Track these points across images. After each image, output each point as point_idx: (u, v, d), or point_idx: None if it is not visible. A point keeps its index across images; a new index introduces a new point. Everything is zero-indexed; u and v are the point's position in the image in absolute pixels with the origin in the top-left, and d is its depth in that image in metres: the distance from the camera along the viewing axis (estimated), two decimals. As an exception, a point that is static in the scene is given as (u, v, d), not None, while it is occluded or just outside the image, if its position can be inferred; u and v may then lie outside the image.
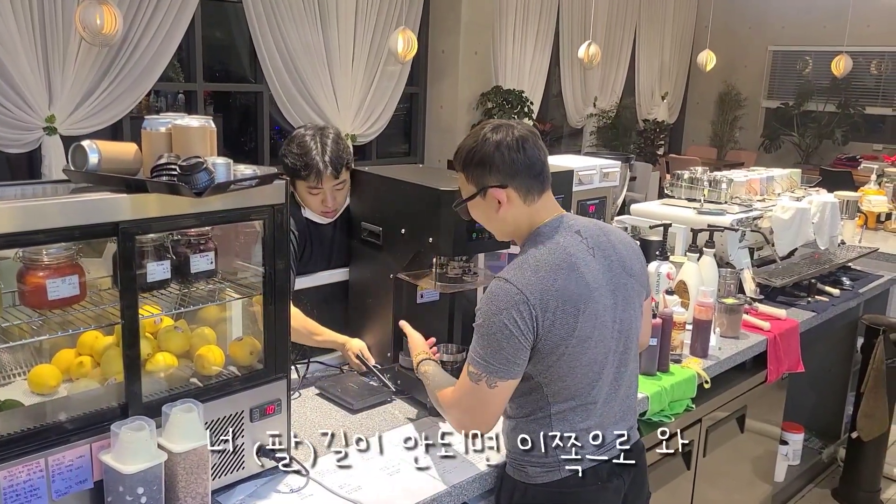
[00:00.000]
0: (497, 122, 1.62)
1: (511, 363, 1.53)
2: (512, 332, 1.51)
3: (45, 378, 1.47)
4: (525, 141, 1.59)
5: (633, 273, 1.68)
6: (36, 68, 4.82)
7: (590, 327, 1.57)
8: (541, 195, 1.62)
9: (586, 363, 1.58)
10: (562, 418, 1.62)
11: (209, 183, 1.36)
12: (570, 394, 1.60)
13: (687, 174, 3.19)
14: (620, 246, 1.68)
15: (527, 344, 1.53)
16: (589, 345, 1.58)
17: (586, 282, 1.57)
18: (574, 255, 1.58)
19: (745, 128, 10.54)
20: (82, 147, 1.39)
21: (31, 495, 1.27)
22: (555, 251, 1.57)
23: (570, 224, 1.63)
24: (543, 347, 1.55)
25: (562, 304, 1.53)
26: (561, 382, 1.59)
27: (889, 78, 9.56)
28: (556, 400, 1.61)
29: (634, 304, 1.69)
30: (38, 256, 1.34)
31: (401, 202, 1.97)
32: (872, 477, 3.43)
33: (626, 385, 1.71)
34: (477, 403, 1.59)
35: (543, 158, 1.62)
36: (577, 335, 1.55)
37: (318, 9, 6.33)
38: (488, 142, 1.58)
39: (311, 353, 2.23)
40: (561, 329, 1.54)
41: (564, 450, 1.61)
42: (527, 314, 1.51)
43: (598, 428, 1.64)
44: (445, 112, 7.47)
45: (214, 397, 1.49)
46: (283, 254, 1.56)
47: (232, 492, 1.54)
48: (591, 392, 1.61)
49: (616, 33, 9.31)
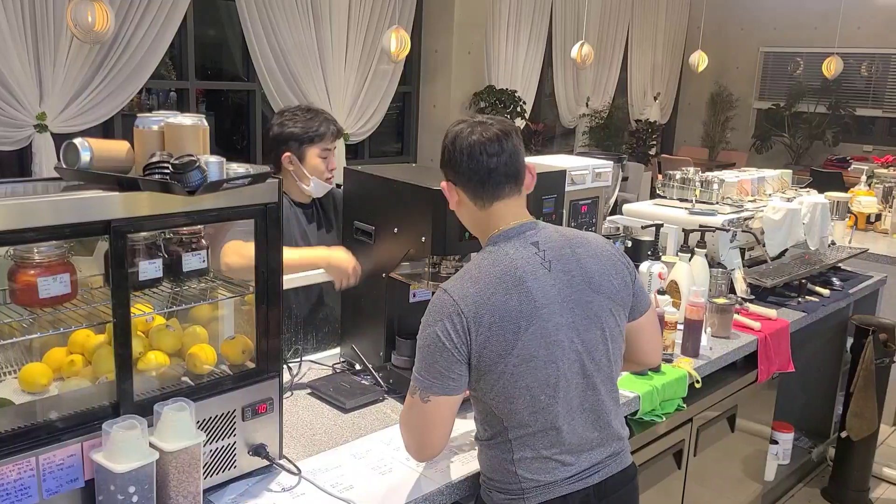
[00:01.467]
0: (479, 119, 1.57)
1: (444, 377, 1.46)
2: (444, 344, 1.45)
3: (36, 377, 1.46)
4: (476, 146, 1.51)
5: (601, 290, 1.55)
6: (27, 65, 4.79)
7: (534, 346, 1.46)
8: (492, 202, 1.54)
9: (534, 385, 1.47)
10: (522, 444, 1.51)
11: (202, 181, 1.36)
12: (522, 418, 1.49)
13: (679, 174, 3.20)
14: (590, 261, 1.56)
15: (460, 358, 1.45)
16: (534, 365, 1.46)
17: (532, 298, 1.47)
18: (521, 268, 1.49)
19: (737, 128, 10.58)
20: (74, 145, 1.39)
21: (21, 494, 1.27)
22: (500, 262, 1.50)
23: (529, 234, 1.54)
24: (480, 364, 1.46)
25: (498, 319, 1.45)
26: (509, 404, 1.48)
27: (879, 79, 9.62)
28: (511, 423, 1.50)
29: (604, 322, 1.55)
30: (29, 254, 1.34)
31: (393, 201, 1.97)
32: (861, 476, 3.45)
33: (599, 409, 1.56)
34: (414, 420, 1.54)
35: (494, 165, 1.51)
36: (516, 354, 1.45)
37: (311, 7, 6.32)
38: (451, 133, 1.56)
39: (303, 353, 2.23)
40: (497, 346, 1.45)
41: (527, 478, 1.51)
42: (459, 327, 1.44)
43: (567, 454, 1.52)
44: (438, 111, 7.47)
45: (206, 396, 1.49)
46: (275, 252, 1.56)
47: (223, 490, 1.54)
48: (547, 417, 1.49)
49: (609, 34, 9.33)
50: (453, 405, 1.51)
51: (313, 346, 2.32)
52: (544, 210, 2.07)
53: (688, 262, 2.65)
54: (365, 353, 2.10)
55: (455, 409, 1.52)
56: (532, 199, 2.03)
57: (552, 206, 2.10)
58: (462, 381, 1.49)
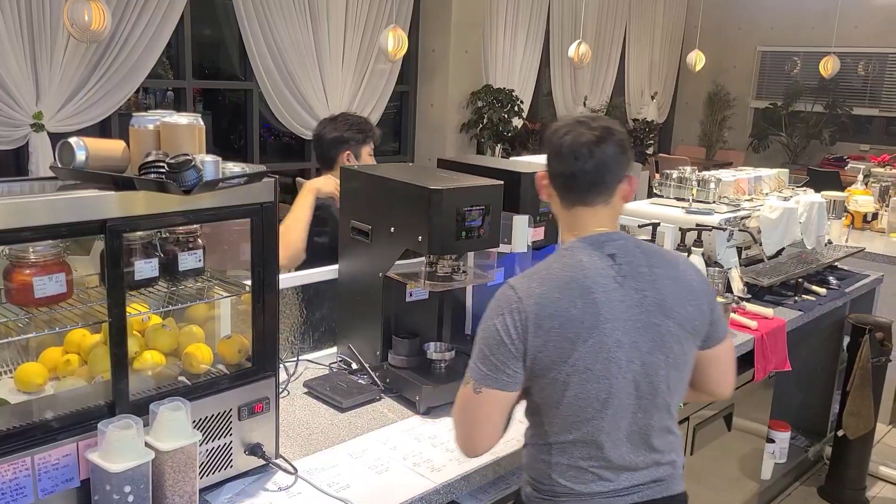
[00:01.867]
0: (583, 119, 1.52)
1: (499, 371, 1.44)
2: (503, 338, 1.44)
3: (32, 376, 1.46)
4: (566, 147, 1.49)
5: (672, 315, 1.49)
6: (23, 64, 4.78)
7: (590, 359, 1.43)
8: (575, 205, 1.52)
9: (582, 397, 1.44)
10: (561, 450, 1.50)
11: (197, 181, 1.36)
12: (564, 425, 1.48)
13: (676, 174, 3.21)
14: (667, 283, 1.50)
15: (517, 354, 1.44)
16: (587, 377, 1.43)
17: (597, 310, 1.43)
18: (592, 278, 1.45)
19: (734, 128, 10.59)
20: (70, 144, 1.39)
21: (16, 494, 1.27)
22: (570, 268, 1.47)
23: (608, 245, 1.50)
24: (534, 367, 1.45)
25: (558, 325, 1.42)
26: (554, 409, 1.47)
27: (876, 79, 9.63)
28: (552, 429, 1.50)
29: (669, 348, 1.49)
30: (25, 254, 1.33)
31: (390, 200, 1.97)
32: (858, 475, 3.46)
33: (648, 433, 1.50)
34: (465, 412, 1.51)
35: (579, 170, 1.48)
36: (571, 363, 1.43)
37: (309, 6, 6.32)
38: (552, 127, 1.54)
39: (300, 352, 2.23)
40: (553, 352, 1.43)
41: (561, 484, 1.51)
42: (520, 324, 1.43)
43: (607, 470, 1.49)
44: (436, 111, 7.47)
45: (202, 396, 1.49)
46: (271, 252, 1.56)
47: (220, 490, 1.54)
48: (589, 429, 1.47)
49: (606, 33, 9.34)
50: (505, 402, 1.48)
51: (310, 345, 2.32)
52: (540, 209, 2.07)
53: (684, 261, 2.65)
54: (361, 353, 2.10)
55: (506, 408, 1.49)
56: (528, 199, 2.04)
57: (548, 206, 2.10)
58: (517, 379, 1.46)
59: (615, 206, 1.55)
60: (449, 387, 1.94)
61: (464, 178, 1.94)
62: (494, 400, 1.47)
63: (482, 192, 1.88)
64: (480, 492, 1.76)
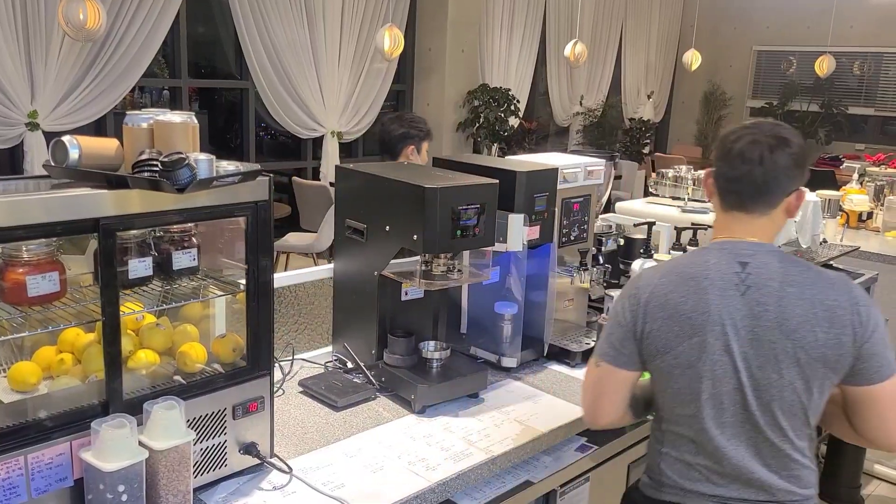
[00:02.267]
0: (761, 125, 1.51)
1: (616, 349, 1.54)
2: (620, 319, 1.54)
3: (26, 375, 1.45)
4: (735, 151, 1.49)
5: (793, 336, 1.44)
6: (18, 63, 4.77)
7: (692, 356, 1.47)
8: (731, 209, 1.53)
9: (680, 392, 1.50)
10: (671, 441, 1.56)
11: (191, 179, 1.35)
12: (672, 415, 1.55)
13: (671, 173, 3.21)
14: (795, 303, 1.44)
15: (632, 336, 1.52)
16: (688, 374, 1.48)
17: (707, 311, 1.45)
18: (711, 280, 1.47)
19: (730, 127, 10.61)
20: (63, 142, 1.38)
21: (10, 493, 1.26)
22: (695, 265, 1.50)
23: (744, 254, 1.49)
24: (644, 350, 1.52)
25: (667, 316, 1.48)
26: (663, 397, 1.55)
27: (872, 78, 9.66)
28: (663, 416, 1.58)
29: (787, 370, 1.45)
30: (18, 253, 1.33)
31: (385, 199, 1.97)
32: (853, 473, 3.47)
33: (761, 450, 1.50)
34: (587, 383, 1.65)
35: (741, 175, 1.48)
36: (673, 355, 1.48)
37: (305, 5, 6.31)
38: (726, 129, 1.57)
39: (295, 351, 2.23)
40: (658, 341, 1.49)
41: (667, 475, 1.56)
42: (634, 308, 1.52)
43: (718, 475, 1.52)
44: (432, 110, 7.47)
45: (197, 394, 1.49)
46: (266, 250, 1.56)
47: (214, 489, 1.54)
48: (694, 427, 1.51)
49: (602, 32, 9.34)
50: (621, 379, 1.56)
51: (305, 344, 2.32)
52: (536, 208, 2.08)
53: (680, 259, 2.65)
54: (357, 352, 2.10)
55: (623, 386, 1.57)
56: (523, 198, 2.04)
57: (544, 204, 2.10)
58: (632, 359, 1.54)
59: (775, 219, 1.53)
60: (444, 386, 1.94)
61: (459, 177, 1.94)
62: (611, 375, 1.57)
63: (477, 190, 1.88)
64: (475, 490, 1.76)
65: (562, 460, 1.93)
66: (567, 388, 2.10)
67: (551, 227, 2.17)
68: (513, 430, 1.83)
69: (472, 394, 2.00)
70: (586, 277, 2.35)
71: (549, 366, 2.25)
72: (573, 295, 2.38)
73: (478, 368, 2.04)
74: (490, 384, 2.07)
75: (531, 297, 2.23)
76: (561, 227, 2.25)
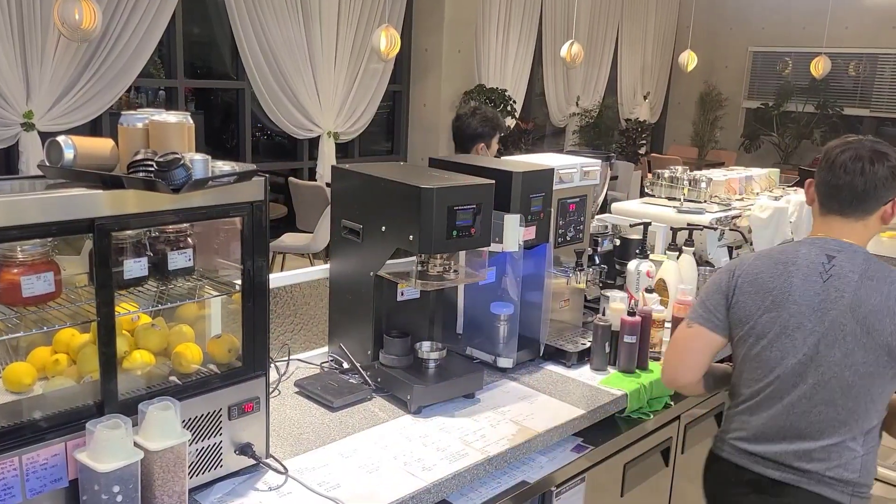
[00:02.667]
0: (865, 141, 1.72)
1: (710, 313, 1.81)
2: (719, 286, 1.80)
3: (20, 376, 1.45)
4: (838, 162, 1.69)
5: (864, 322, 1.63)
6: (13, 63, 4.76)
7: (768, 329, 1.72)
8: (829, 213, 1.73)
9: (756, 359, 1.75)
10: (739, 409, 1.82)
11: (186, 179, 1.35)
12: (743, 383, 1.81)
13: (667, 173, 3.21)
14: (871, 294, 1.64)
15: (724, 303, 1.78)
16: (764, 345, 1.73)
17: (789, 291, 1.70)
18: (798, 265, 1.71)
19: (726, 128, 10.63)
20: (57, 143, 1.38)
21: (4, 494, 1.26)
22: (787, 252, 1.75)
23: (832, 248, 1.71)
24: (731, 318, 1.79)
25: (753, 291, 1.74)
26: (739, 366, 1.81)
27: (867, 79, 9.69)
28: (737, 384, 1.83)
29: (853, 352, 1.64)
30: (13, 253, 1.32)
31: (381, 199, 1.97)
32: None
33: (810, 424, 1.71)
34: (676, 342, 1.91)
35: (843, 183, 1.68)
36: (752, 325, 1.74)
37: (301, 5, 6.31)
38: (834, 142, 1.76)
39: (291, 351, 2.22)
40: (742, 311, 1.76)
41: (729, 442, 1.83)
42: (729, 280, 1.79)
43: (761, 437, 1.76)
44: (428, 110, 7.47)
45: (192, 395, 1.48)
46: (262, 251, 1.56)
47: (210, 490, 1.54)
48: (757, 394, 1.77)
49: (598, 33, 9.35)
50: (708, 341, 1.82)
51: (301, 344, 2.32)
52: (532, 208, 2.08)
53: (676, 260, 2.66)
54: (353, 352, 2.09)
55: (708, 347, 1.82)
56: (519, 198, 2.05)
57: (540, 205, 2.10)
58: (722, 325, 1.80)
59: (869, 225, 1.74)
60: (440, 386, 1.94)
61: (455, 178, 1.94)
62: (700, 336, 1.82)
63: (473, 191, 1.88)
64: (471, 490, 1.76)
65: (557, 460, 1.93)
66: (563, 388, 2.10)
67: (547, 227, 2.17)
68: (509, 431, 1.84)
69: (468, 394, 2.00)
70: (582, 278, 2.35)
71: (545, 366, 2.25)
72: (569, 295, 2.38)
73: (474, 369, 2.04)
74: (486, 384, 2.07)
75: (527, 298, 2.23)
76: (557, 227, 2.25)
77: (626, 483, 2.17)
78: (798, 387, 1.70)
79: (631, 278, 2.56)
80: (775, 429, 1.74)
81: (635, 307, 2.22)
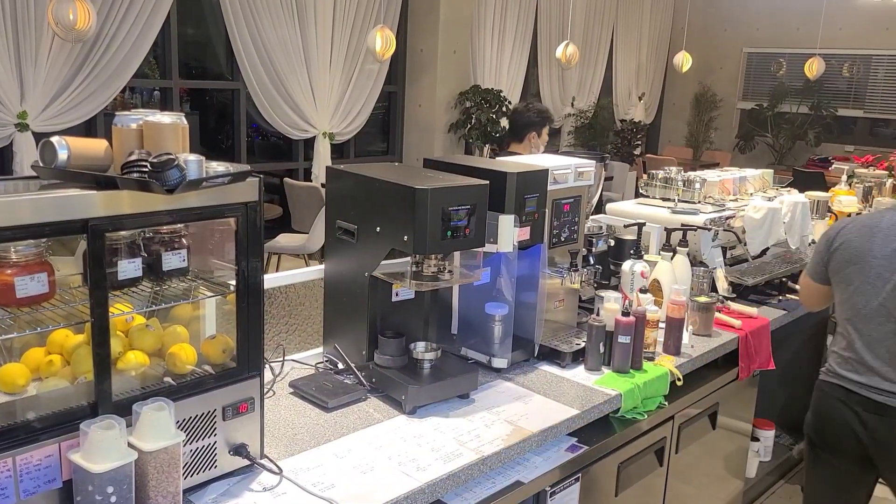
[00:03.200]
0: None
1: (815, 266, 2.44)
2: (819, 248, 2.40)
3: (14, 377, 1.44)
4: None
5: None
6: (7, 63, 4.75)
7: (852, 277, 2.29)
8: None
9: (847, 301, 2.31)
10: (837, 339, 2.38)
11: (180, 180, 1.35)
12: (839, 319, 2.36)
13: (661, 174, 3.22)
14: None
15: (823, 260, 2.38)
16: (852, 290, 2.30)
17: (871, 248, 2.24)
18: (881, 228, 2.25)
19: (721, 128, 10.66)
20: (51, 143, 1.38)
21: (-2, 495, 1.26)
22: (875, 219, 2.29)
23: None
24: (830, 271, 2.37)
25: (843, 248, 2.31)
26: (837, 308, 2.37)
27: (860, 80, 9.72)
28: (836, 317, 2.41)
29: None
30: (6, 254, 1.32)
31: (376, 200, 1.97)
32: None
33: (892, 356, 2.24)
34: (800, 285, 2.64)
35: None
36: (842, 276, 2.32)
37: (296, 6, 6.31)
38: None
39: (285, 352, 2.22)
40: (835, 265, 2.35)
41: (830, 366, 2.38)
42: (827, 244, 2.37)
43: (860, 366, 2.29)
44: (424, 111, 7.47)
45: (187, 396, 1.48)
46: (256, 251, 1.56)
47: (204, 490, 1.54)
48: (849, 328, 2.32)
49: (594, 34, 9.37)
50: (816, 289, 2.47)
51: (296, 345, 2.32)
52: (527, 209, 2.08)
53: (670, 260, 2.67)
54: (347, 353, 2.10)
55: (818, 294, 2.49)
56: (514, 198, 2.05)
57: (534, 205, 2.11)
58: (824, 277, 2.41)
59: None
60: (435, 386, 1.94)
61: (449, 178, 1.94)
62: (809, 285, 2.50)
63: (468, 191, 1.88)
64: (466, 491, 1.76)
65: (552, 460, 1.93)
66: (557, 388, 2.11)
67: (542, 227, 2.18)
68: (503, 431, 1.84)
69: (462, 394, 2.00)
70: (576, 278, 2.36)
71: (540, 366, 2.25)
72: (563, 296, 2.38)
73: (468, 369, 2.05)
74: (480, 385, 2.08)
75: (522, 298, 2.23)
76: (551, 227, 2.25)
77: (621, 483, 2.18)
78: (886, 326, 2.22)
79: (625, 279, 2.56)
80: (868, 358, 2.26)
81: (629, 307, 2.23)
